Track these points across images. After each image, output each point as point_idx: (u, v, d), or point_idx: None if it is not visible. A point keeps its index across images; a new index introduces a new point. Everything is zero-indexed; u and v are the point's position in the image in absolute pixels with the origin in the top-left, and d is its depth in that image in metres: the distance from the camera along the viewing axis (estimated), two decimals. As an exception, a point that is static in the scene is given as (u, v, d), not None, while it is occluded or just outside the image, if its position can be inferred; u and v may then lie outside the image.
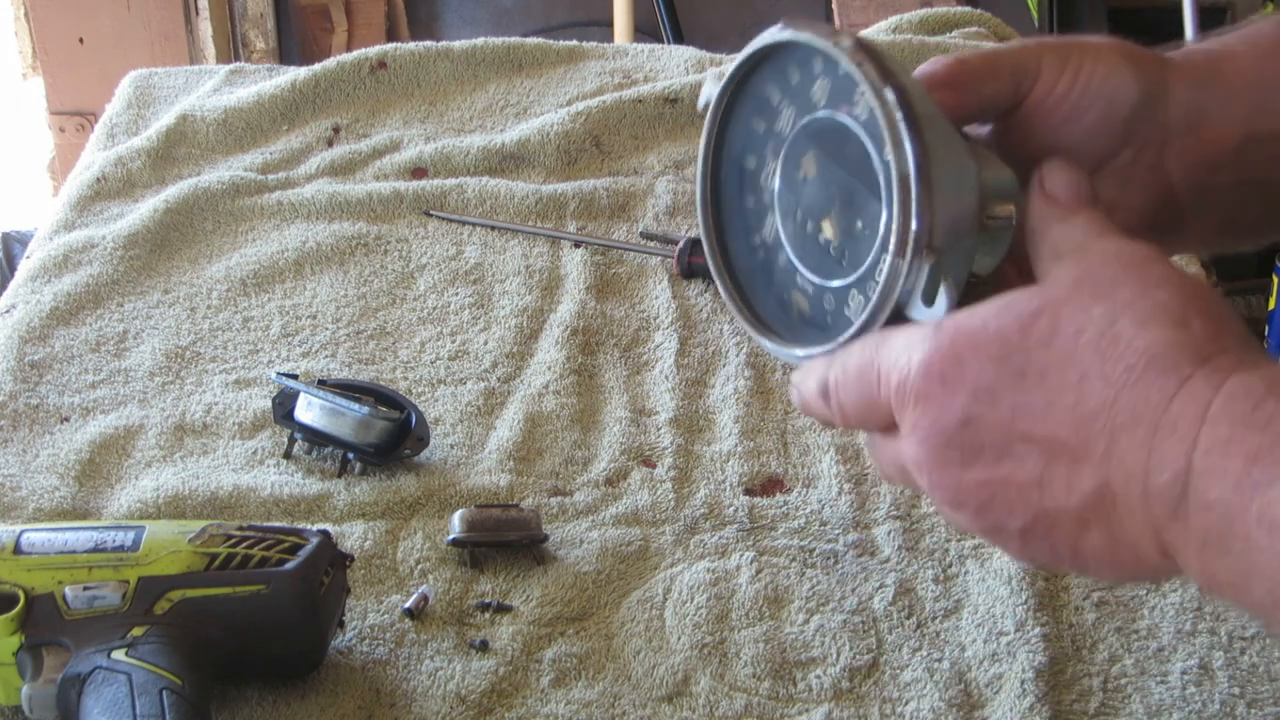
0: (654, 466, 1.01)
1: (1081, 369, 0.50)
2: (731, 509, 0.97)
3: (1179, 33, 2.47)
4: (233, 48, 2.86)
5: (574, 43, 1.60)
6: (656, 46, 1.62)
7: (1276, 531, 0.46)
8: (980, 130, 0.63)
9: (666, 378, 1.10)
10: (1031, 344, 0.51)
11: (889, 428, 0.56)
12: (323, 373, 1.09)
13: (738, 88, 0.62)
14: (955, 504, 0.54)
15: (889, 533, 0.95)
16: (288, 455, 1.00)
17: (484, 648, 0.85)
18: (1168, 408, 0.49)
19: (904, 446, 0.55)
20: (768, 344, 0.62)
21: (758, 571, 0.91)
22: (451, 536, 0.92)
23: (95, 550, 0.80)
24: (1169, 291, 0.50)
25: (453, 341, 1.14)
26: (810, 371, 0.59)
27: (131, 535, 0.80)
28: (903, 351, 0.54)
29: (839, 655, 0.85)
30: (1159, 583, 0.55)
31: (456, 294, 1.20)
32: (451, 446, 1.02)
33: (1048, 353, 0.51)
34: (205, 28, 2.75)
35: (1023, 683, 0.82)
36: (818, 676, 0.84)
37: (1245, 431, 0.47)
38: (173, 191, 1.29)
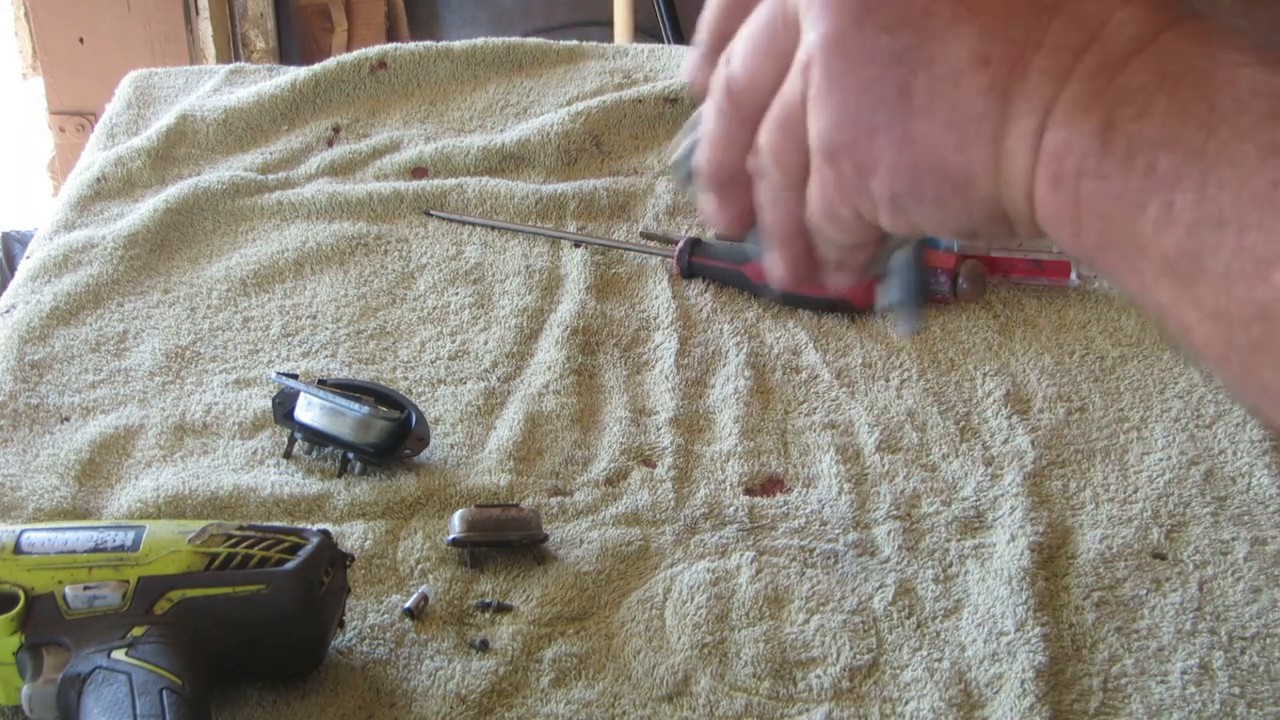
0: (654, 466, 1.01)
1: None
2: (731, 509, 0.97)
3: None
4: (233, 48, 2.86)
5: (574, 43, 1.60)
6: (656, 46, 1.62)
7: (1234, 99, 0.44)
8: None
9: (666, 378, 1.10)
10: None
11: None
12: (323, 373, 1.09)
13: None
14: (839, 30, 0.50)
15: (889, 533, 0.95)
16: (288, 455, 1.00)
17: (484, 648, 0.85)
18: None
19: None
20: None
21: (758, 571, 0.91)
22: (451, 536, 0.92)
23: (95, 550, 0.80)
24: None
25: (453, 341, 1.14)
26: None
27: (131, 535, 0.80)
28: None
29: (839, 655, 0.85)
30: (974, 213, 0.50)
31: (456, 294, 1.20)
32: (451, 446, 1.02)
33: None
34: (205, 28, 2.75)
35: (1023, 683, 0.82)
36: (818, 676, 0.84)
37: (1232, 37, 0.46)
38: (173, 191, 1.29)
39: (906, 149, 0.51)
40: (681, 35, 2.71)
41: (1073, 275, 1.19)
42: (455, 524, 0.92)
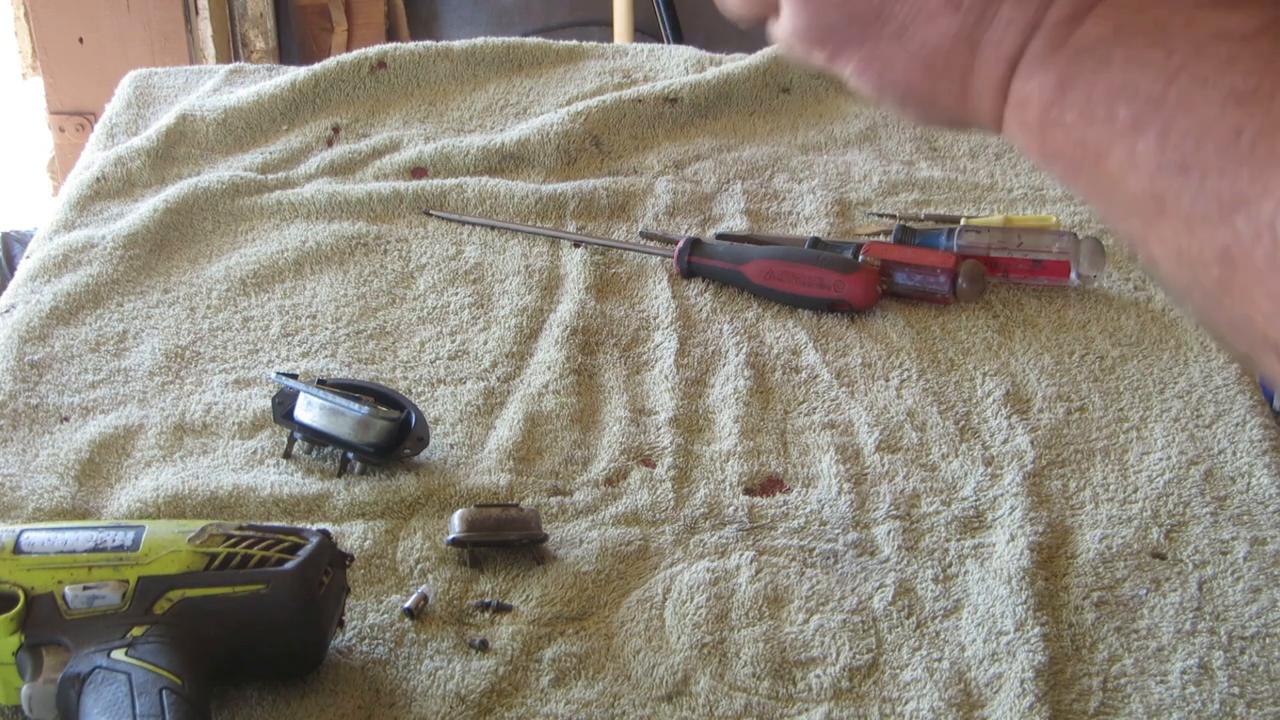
0: (654, 466, 1.01)
1: None
2: (731, 509, 0.97)
3: None
4: (233, 48, 2.86)
5: (574, 43, 1.60)
6: (656, 46, 1.62)
7: (1193, 47, 0.45)
8: None
9: (666, 377, 1.10)
10: None
11: None
12: (323, 372, 1.09)
13: None
14: None
15: (889, 533, 0.95)
16: (288, 455, 1.00)
17: (484, 647, 0.85)
18: None
19: None
20: None
21: (757, 571, 0.91)
22: (451, 536, 0.92)
23: (95, 550, 0.80)
24: None
25: (453, 341, 1.14)
26: None
27: (131, 535, 0.80)
28: None
29: (839, 655, 0.85)
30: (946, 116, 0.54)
31: (456, 294, 1.20)
32: (451, 446, 1.02)
33: None
34: (205, 28, 2.74)
35: (1022, 682, 0.82)
36: (817, 676, 0.84)
37: None
38: (172, 191, 1.29)
39: (874, 63, 0.53)
40: (681, 35, 2.71)
41: (1072, 275, 1.19)
42: (455, 524, 0.92)
